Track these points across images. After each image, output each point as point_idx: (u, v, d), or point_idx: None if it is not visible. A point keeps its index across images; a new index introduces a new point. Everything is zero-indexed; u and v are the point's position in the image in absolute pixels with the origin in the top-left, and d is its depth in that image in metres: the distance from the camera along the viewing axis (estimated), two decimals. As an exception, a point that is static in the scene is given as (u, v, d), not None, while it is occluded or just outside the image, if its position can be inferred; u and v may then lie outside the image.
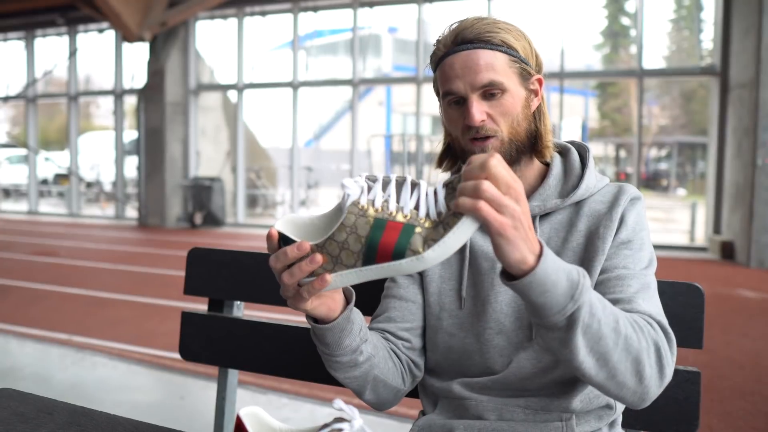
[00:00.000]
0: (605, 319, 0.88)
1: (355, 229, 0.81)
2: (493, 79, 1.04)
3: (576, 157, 1.16)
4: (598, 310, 0.87)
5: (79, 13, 12.97)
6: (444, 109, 1.12)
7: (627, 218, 1.08)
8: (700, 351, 1.47)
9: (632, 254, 1.06)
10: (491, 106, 1.06)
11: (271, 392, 3.22)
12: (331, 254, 0.83)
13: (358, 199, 0.83)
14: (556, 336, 0.87)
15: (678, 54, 29.53)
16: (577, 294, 0.84)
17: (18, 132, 21.77)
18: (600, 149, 28.42)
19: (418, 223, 0.81)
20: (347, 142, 12.42)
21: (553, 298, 0.83)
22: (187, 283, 1.55)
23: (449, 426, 1.09)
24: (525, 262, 0.81)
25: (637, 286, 1.02)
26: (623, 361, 0.90)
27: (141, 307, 5.27)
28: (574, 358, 0.88)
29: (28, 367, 3.64)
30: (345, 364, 1.04)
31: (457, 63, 1.06)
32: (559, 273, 0.83)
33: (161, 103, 12.14)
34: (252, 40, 23.12)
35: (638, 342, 0.91)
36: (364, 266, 0.82)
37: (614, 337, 0.88)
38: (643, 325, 0.94)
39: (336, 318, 0.98)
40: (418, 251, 0.80)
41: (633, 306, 0.99)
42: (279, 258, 0.85)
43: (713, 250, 8.95)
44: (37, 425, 1.06)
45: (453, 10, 12.75)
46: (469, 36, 1.05)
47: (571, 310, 0.84)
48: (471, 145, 1.08)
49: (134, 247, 9.58)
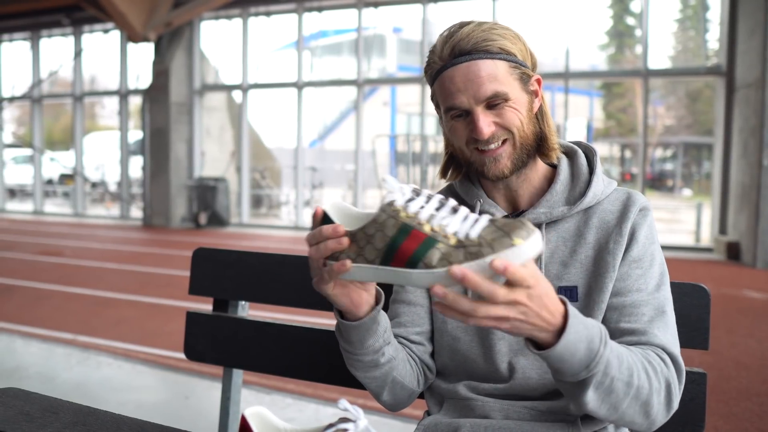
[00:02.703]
0: (620, 375, 0.90)
1: (383, 227, 0.83)
2: (497, 90, 1.03)
3: (583, 160, 1.14)
4: (613, 368, 0.89)
5: (85, 14, 13.00)
6: (446, 122, 1.09)
7: (638, 234, 1.07)
8: (705, 352, 1.46)
9: (643, 273, 1.05)
10: (497, 114, 1.05)
11: (275, 392, 3.22)
12: (358, 244, 0.85)
13: (394, 200, 0.84)
14: (567, 387, 0.91)
15: (683, 54, 29.45)
16: (593, 364, 0.87)
17: (23, 132, 21.85)
18: (605, 149, 28.35)
19: (441, 238, 0.81)
20: (352, 142, 12.43)
21: (568, 367, 0.86)
22: (191, 283, 1.55)
23: (455, 425, 1.08)
24: (542, 341, 0.84)
25: (651, 312, 1.03)
26: (632, 406, 0.93)
27: (146, 307, 5.28)
28: (583, 406, 0.92)
29: (33, 366, 3.64)
30: (366, 363, 1.06)
31: (458, 76, 1.03)
32: (579, 344, 0.85)
33: (166, 103, 12.16)
34: (257, 41, 23.14)
35: (650, 388, 0.94)
36: (381, 266, 0.84)
37: (626, 389, 0.91)
38: (656, 365, 0.96)
39: (362, 317, 0.99)
40: (430, 265, 0.80)
41: (648, 338, 1.01)
42: (315, 235, 0.88)
43: (719, 250, 8.92)
44: (43, 424, 1.06)
45: (457, 10, 12.75)
46: (467, 47, 1.03)
47: (584, 376, 0.87)
48: (479, 156, 1.07)
49: (139, 247, 9.60)
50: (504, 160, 1.06)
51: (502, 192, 1.14)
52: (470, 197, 1.16)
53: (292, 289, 1.45)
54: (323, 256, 0.88)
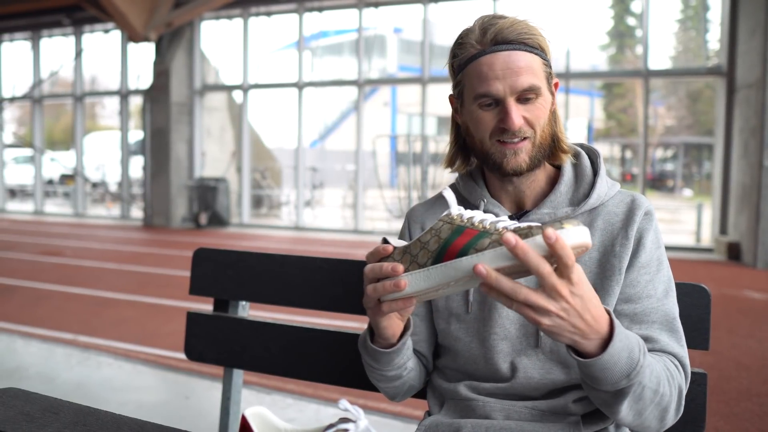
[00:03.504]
0: (650, 384, 0.93)
1: (438, 232, 0.87)
2: (533, 83, 1.03)
3: (587, 162, 1.14)
4: (646, 377, 0.91)
5: (85, 14, 13.00)
6: (472, 111, 1.08)
7: (644, 239, 1.07)
8: (706, 352, 1.46)
9: (651, 278, 1.06)
10: (527, 110, 1.05)
11: (276, 392, 3.22)
12: (411, 254, 0.89)
13: (451, 211, 0.89)
14: (602, 397, 0.93)
15: (684, 54, 29.45)
16: (634, 374, 0.88)
17: (24, 132, 21.86)
18: (606, 150, 28.36)
19: (493, 231, 0.83)
20: (352, 142, 12.43)
21: (610, 376, 0.88)
22: (192, 283, 1.55)
23: (456, 425, 1.08)
24: (584, 349, 0.86)
25: (661, 319, 1.05)
26: (653, 412, 0.96)
27: (146, 307, 5.28)
28: (612, 414, 0.94)
29: (34, 366, 3.64)
30: (391, 377, 1.12)
31: (498, 63, 1.02)
32: (621, 354, 0.87)
33: (167, 103, 12.16)
34: (257, 41, 23.15)
35: (669, 395, 0.97)
36: (432, 266, 0.86)
37: (653, 397, 0.94)
38: (673, 372, 0.99)
39: (395, 344, 1.05)
40: (482, 248, 0.82)
41: (662, 346, 1.03)
42: (375, 270, 0.91)
43: (719, 250, 8.91)
44: (43, 424, 1.06)
45: (458, 11, 12.74)
46: (510, 36, 1.03)
47: (624, 385, 0.89)
48: (500, 148, 1.06)
49: (139, 247, 9.61)
50: (523, 154, 1.06)
51: (509, 192, 1.13)
52: (474, 197, 1.16)
53: (293, 289, 1.45)
54: (379, 296, 0.91)
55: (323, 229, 12.11)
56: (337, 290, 1.40)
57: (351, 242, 10.19)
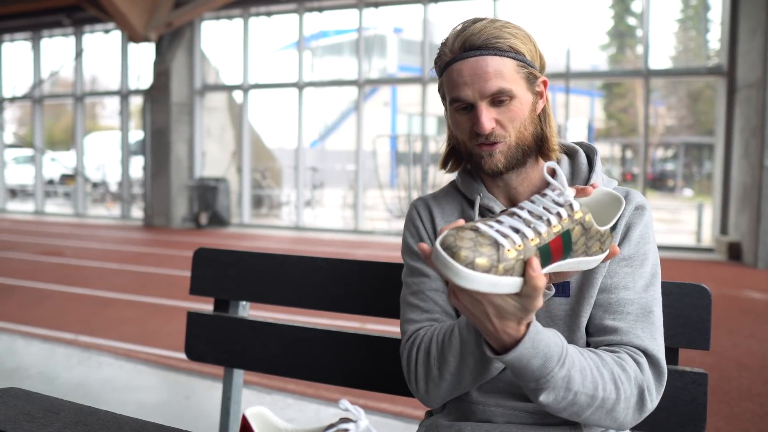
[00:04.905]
0: (583, 389, 0.94)
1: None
2: (502, 86, 1.04)
3: (583, 159, 1.15)
4: (576, 383, 0.93)
5: (85, 14, 13.01)
6: (450, 114, 1.11)
7: (631, 232, 1.07)
8: (706, 352, 1.46)
9: (632, 272, 1.06)
10: (500, 112, 1.06)
11: (276, 392, 3.22)
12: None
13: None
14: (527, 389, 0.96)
15: (685, 54, 29.45)
16: (543, 381, 0.91)
17: (24, 132, 21.88)
18: (606, 150, 28.37)
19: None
20: (352, 142, 12.43)
21: (520, 378, 0.93)
22: (192, 283, 1.55)
23: (456, 427, 1.08)
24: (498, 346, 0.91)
25: (636, 312, 1.04)
26: (597, 414, 0.97)
27: (146, 307, 5.28)
28: (539, 405, 0.96)
29: (34, 366, 3.65)
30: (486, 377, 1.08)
31: (465, 70, 1.05)
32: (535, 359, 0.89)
33: (167, 103, 12.16)
34: (257, 41, 23.15)
35: (617, 398, 0.97)
36: None
37: (590, 401, 0.95)
38: (630, 372, 0.99)
39: None
40: None
41: (630, 339, 1.03)
42: None
43: (720, 250, 8.91)
44: (44, 424, 1.06)
45: (458, 11, 12.76)
46: (477, 42, 1.04)
47: (533, 387, 0.92)
48: (478, 150, 1.09)
49: (140, 247, 9.61)
50: (497, 155, 1.07)
51: (500, 188, 1.15)
52: (471, 192, 1.17)
53: (293, 289, 1.45)
54: None
55: (323, 229, 12.12)
56: (338, 290, 1.41)
57: (351, 242, 10.19)
